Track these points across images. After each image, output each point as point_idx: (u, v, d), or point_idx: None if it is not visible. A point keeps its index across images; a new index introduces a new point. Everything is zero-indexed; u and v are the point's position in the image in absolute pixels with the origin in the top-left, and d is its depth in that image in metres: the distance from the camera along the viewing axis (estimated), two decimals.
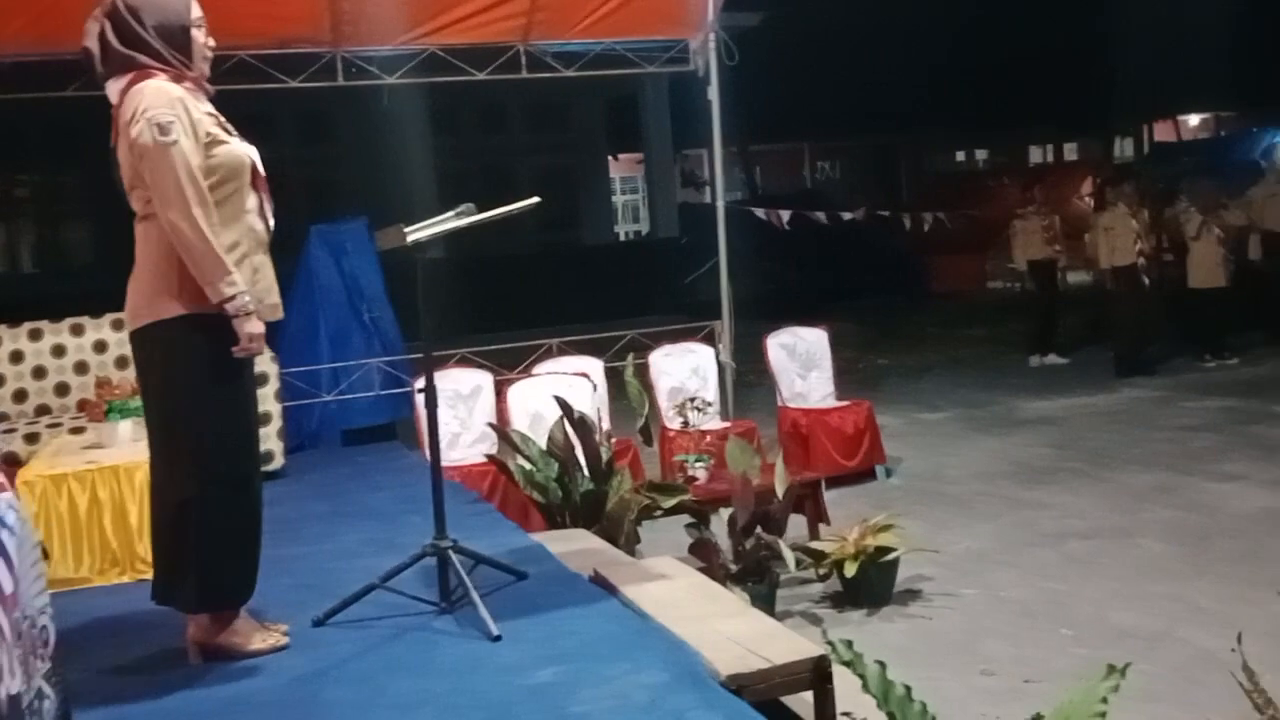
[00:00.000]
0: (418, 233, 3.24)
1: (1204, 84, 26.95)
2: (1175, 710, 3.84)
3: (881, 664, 2.66)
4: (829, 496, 6.48)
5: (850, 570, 4.85)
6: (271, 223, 3.28)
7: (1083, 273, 11.88)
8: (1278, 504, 6.18)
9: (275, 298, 3.24)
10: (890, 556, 4.97)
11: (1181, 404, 9.01)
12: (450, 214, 3.26)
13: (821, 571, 5.06)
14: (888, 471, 7.40)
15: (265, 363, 5.96)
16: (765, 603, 4.76)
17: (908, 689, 2.61)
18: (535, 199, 3.50)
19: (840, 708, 3.08)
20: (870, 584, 4.92)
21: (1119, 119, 23.54)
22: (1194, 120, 30.61)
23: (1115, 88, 24.01)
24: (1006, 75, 24.99)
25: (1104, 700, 2.50)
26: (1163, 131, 28.38)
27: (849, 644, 2.75)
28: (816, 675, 2.80)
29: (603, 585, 3.43)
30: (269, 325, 3.16)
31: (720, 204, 7.49)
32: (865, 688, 2.62)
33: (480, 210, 3.36)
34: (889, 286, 17.85)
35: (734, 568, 4.81)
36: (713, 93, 7.28)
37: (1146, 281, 10.44)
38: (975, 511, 6.54)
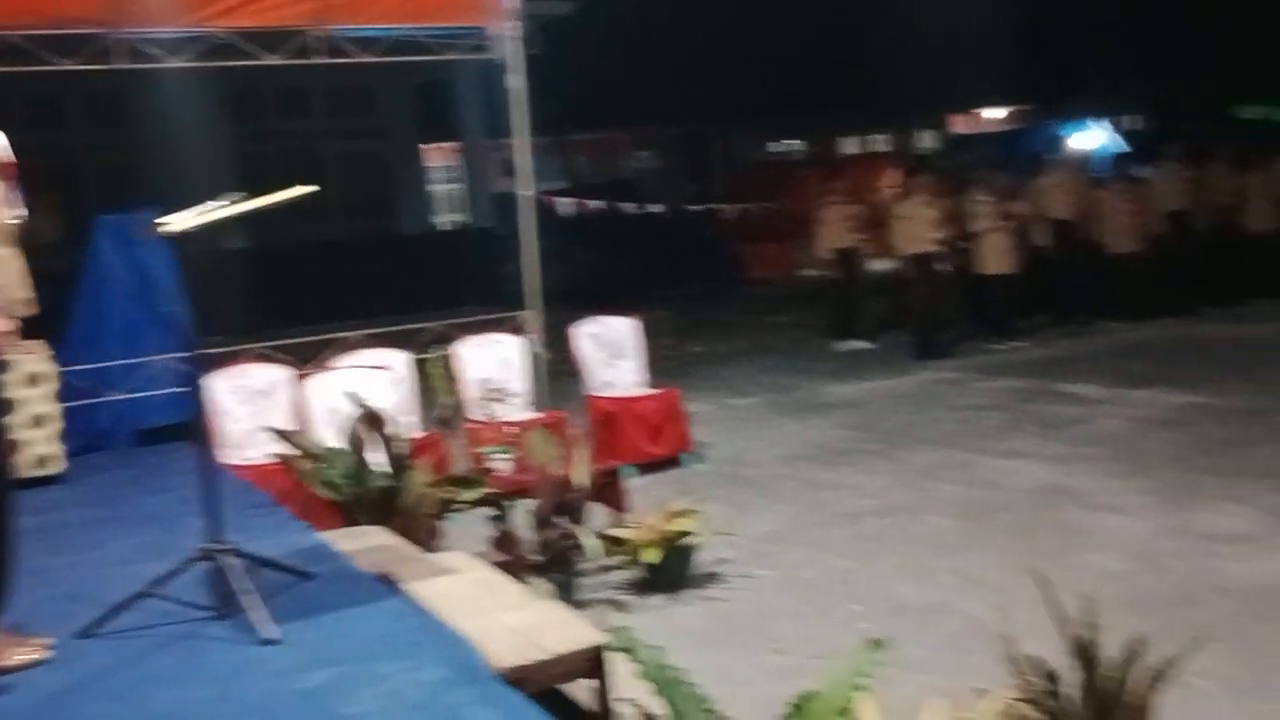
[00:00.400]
0: (184, 223, 3.11)
1: (1000, 80, 28.40)
2: (947, 680, 4.01)
3: (658, 649, 2.70)
4: (637, 484, 6.56)
5: (650, 556, 4.91)
6: (21, 213, 3.09)
7: (885, 260, 12.34)
8: (1056, 479, 6.55)
9: (24, 292, 3.05)
10: (689, 541, 5.05)
11: (973, 385, 9.46)
12: (216, 203, 3.14)
13: (624, 558, 5.11)
14: (695, 458, 7.52)
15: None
16: (567, 592, 4.79)
17: (682, 674, 2.67)
18: (312, 187, 3.39)
19: (631, 695, 3.11)
20: (670, 569, 5.00)
21: (922, 112, 24.57)
22: (991, 114, 32.20)
23: (918, 82, 25.01)
24: (816, 67, 25.74)
25: (863, 674, 2.61)
26: (962, 124, 29.76)
27: (628, 631, 2.79)
28: (595, 664, 2.82)
29: (388, 583, 3.37)
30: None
31: (524, 194, 7.46)
32: (641, 674, 2.66)
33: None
34: (705, 274, 18.15)
35: (537, 559, 4.81)
36: (514, 81, 7.24)
37: (943, 268, 10.92)
38: (775, 494, 6.72)
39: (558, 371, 7.99)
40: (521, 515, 5.01)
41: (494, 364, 7.08)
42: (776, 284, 17.86)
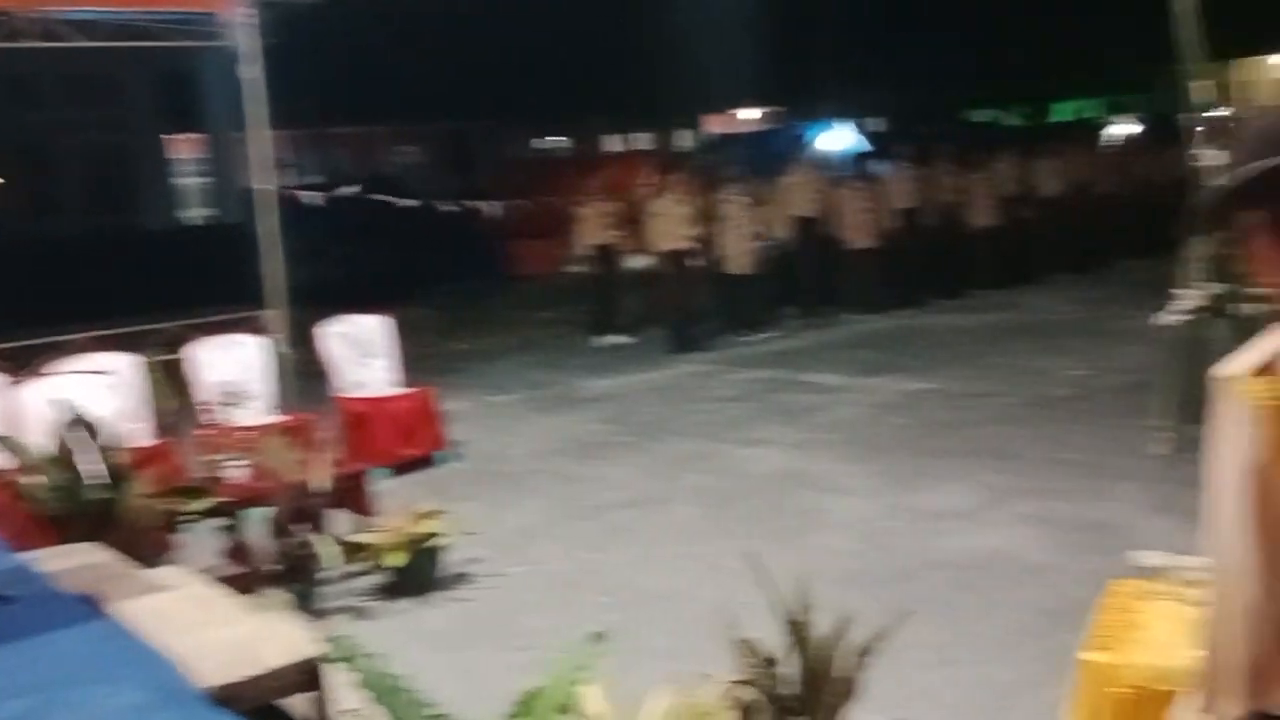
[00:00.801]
0: None
1: (755, 83, 29.43)
2: (688, 665, 4.12)
3: (378, 657, 2.65)
4: (390, 485, 6.44)
5: (395, 560, 4.82)
6: None
7: (642, 256, 12.58)
8: (795, 464, 6.84)
9: None
10: (436, 542, 5.00)
11: (724, 376, 9.77)
12: None
13: (368, 564, 5.00)
14: (450, 457, 7.45)
15: None
16: (307, 602, 4.64)
17: (402, 681, 2.63)
18: None
19: (352, 705, 3.04)
20: (416, 571, 4.92)
21: (682, 112, 25.19)
22: (746, 115, 33.32)
23: (679, 83, 25.64)
24: (583, 66, 25.96)
25: (584, 667, 2.65)
26: (719, 125, 30.66)
27: (346, 640, 2.72)
28: (312, 676, 2.74)
29: (92, 603, 3.17)
30: None
31: (263, 188, 7.18)
32: (360, 683, 2.60)
33: None
34: (471, 271, 18.00)
35: (275, 568, 4.64)
36: (249, 70, 6.95)
37: (696, 264, 11.22)
38: (529, 489, 6.74)
39: (308, 372, 7.73)
40: (259, 524, 4.84)
41: (233, 366, 6.78)
42: (541, 280, 17.90)
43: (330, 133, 25.48)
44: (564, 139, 32.86)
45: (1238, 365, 1.47)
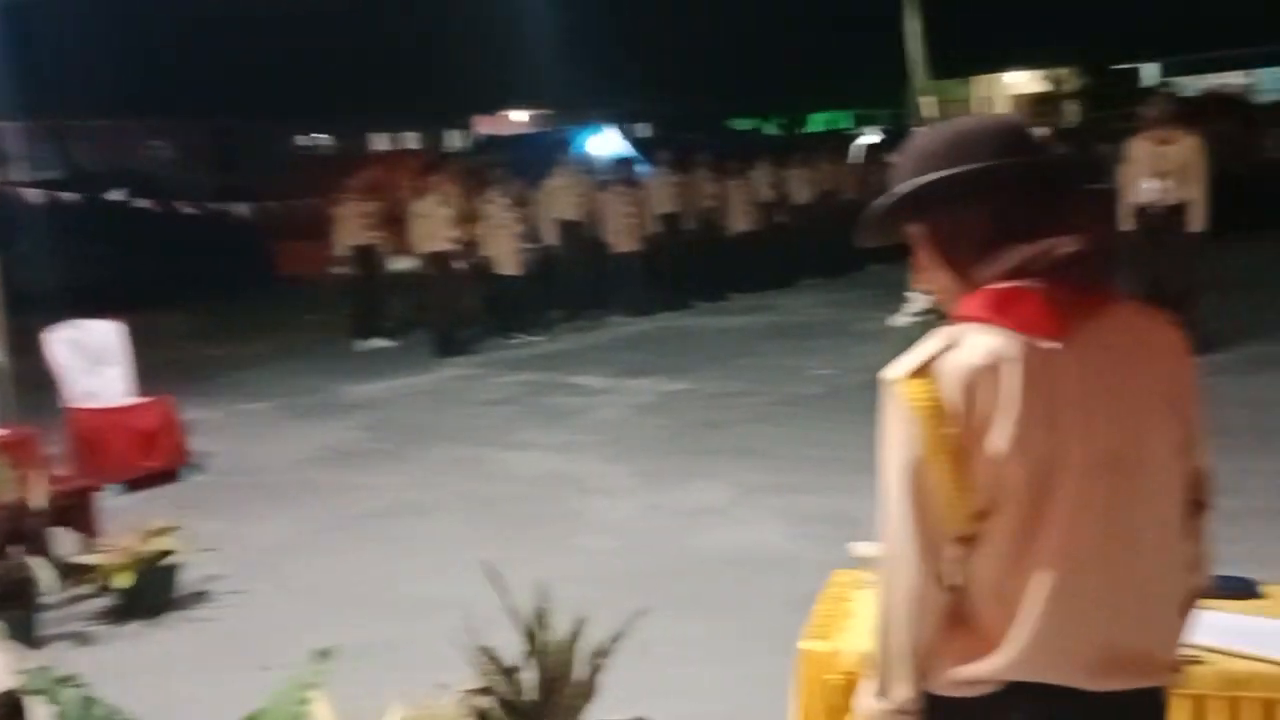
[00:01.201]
0: None
1: (525, 84, 29.43)
2: (435, 675, 4.06)
3: (84, 686, 2.48)
4: (124, 502, 6.08)
5: (122, 581, 4.54)
6: None
7: (407, 258, 12.36)
8: (559, 467, 6.86)
9: None
10: (170, 561, 4.74)
11: (491, 380, 9.71)
12: None
13: (94, 586, 4.69)
14: (194, 469, 7.08)
15: None
16: (25, 630, 4.31)
17: (115, 711, 2.47)
18: None
19: None
20: (147, 592, 4.65)
21: (451, 111, 24.92)
22: (517, 116, 33.28)
23: (448, 82, 25.37)
24: (354, 64, 25.29)
25: (309, 686, 2.56)
26: (490, 125, 30.51)
27: (47, 671, 2.53)
28: (13, 711, 2.53)
29: None
30: None
31: None
32: (63, 717, 2.43)
33: None
34: (233, 273, 17.19)
35: None
36: None
37: (460, 266, 11.10)
38: (282, 501, 6.49)
39: (36, 383, 7.19)
40: None
41: None
42: (306, 282, 17.30)
43: (76, 125, 23.80)
44: (331, 137, 31.93)
45: (900, 367, 1.55)
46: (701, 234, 12.97)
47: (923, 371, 1.52)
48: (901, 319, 6.09)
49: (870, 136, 23.36)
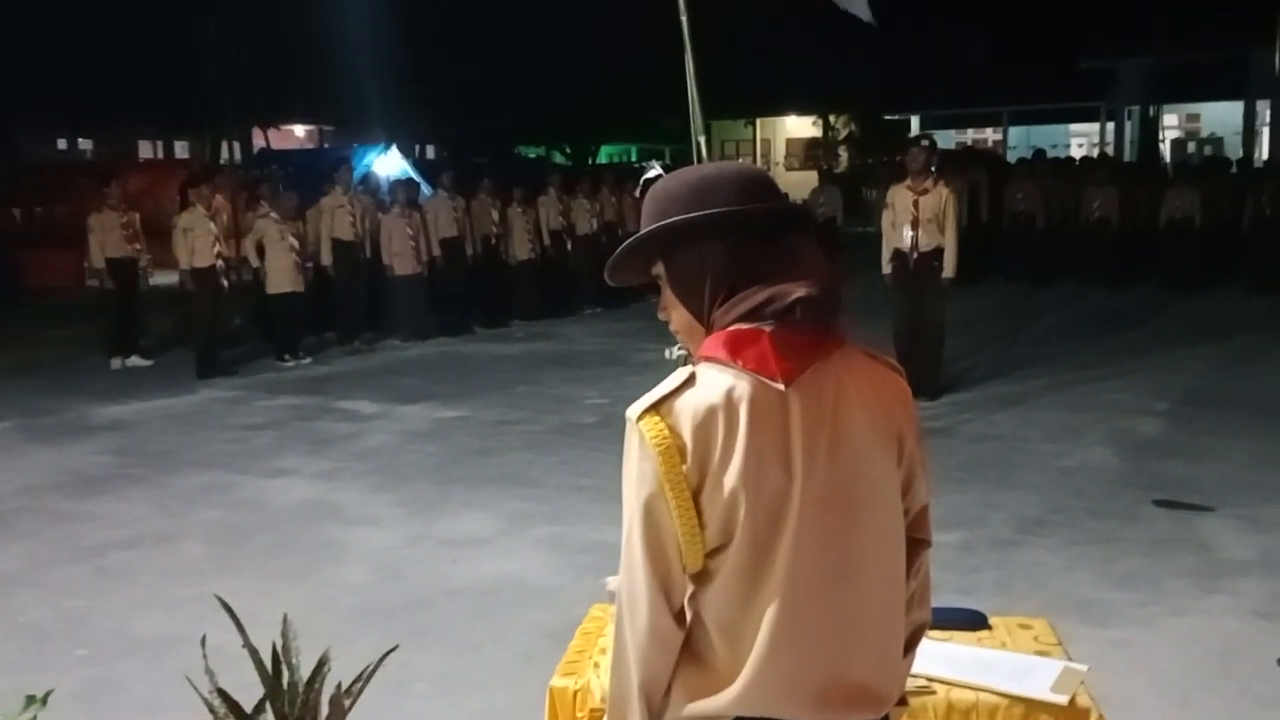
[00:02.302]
0: None
1: (308, 98, 28.56)
2: (175, 717, 3.83)
3: None
4: None
5: None
6: None
7: (171, 273, 11.71)
8: (320, 495, 6.60)
9: None
10: None
11: (254, 403, 9.28)
12: None
13: None
14: None
15: None
16: None
17: None
18: None
19: None
20: None
21: (228, 121, 23.89)
22: (299, 130, 32.31)
23: (226, 89, 24.34)
24: (114, 68, 23.92)
25: None
26: (270, 138, 29.46)
27: None
28: None
29: None
30: None
31: None
32: None
33: None
34: None
35: None
36: None
37: (225, 284, 10.60)
38: (12, 531, 6.00)
39: None
40: None
41: None
42: (57, 296, 16.16)
43: None
44: (94, 142, 30.11)
45: (639, 404, 1.56)
46: (483, 260, 12.86)
47: (659, 408, 1.55)
48: (678, 351, 6.18)
49: (654, 170, 23.84)
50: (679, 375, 1.59)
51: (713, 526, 1.53)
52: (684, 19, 6.43)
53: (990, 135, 33.89)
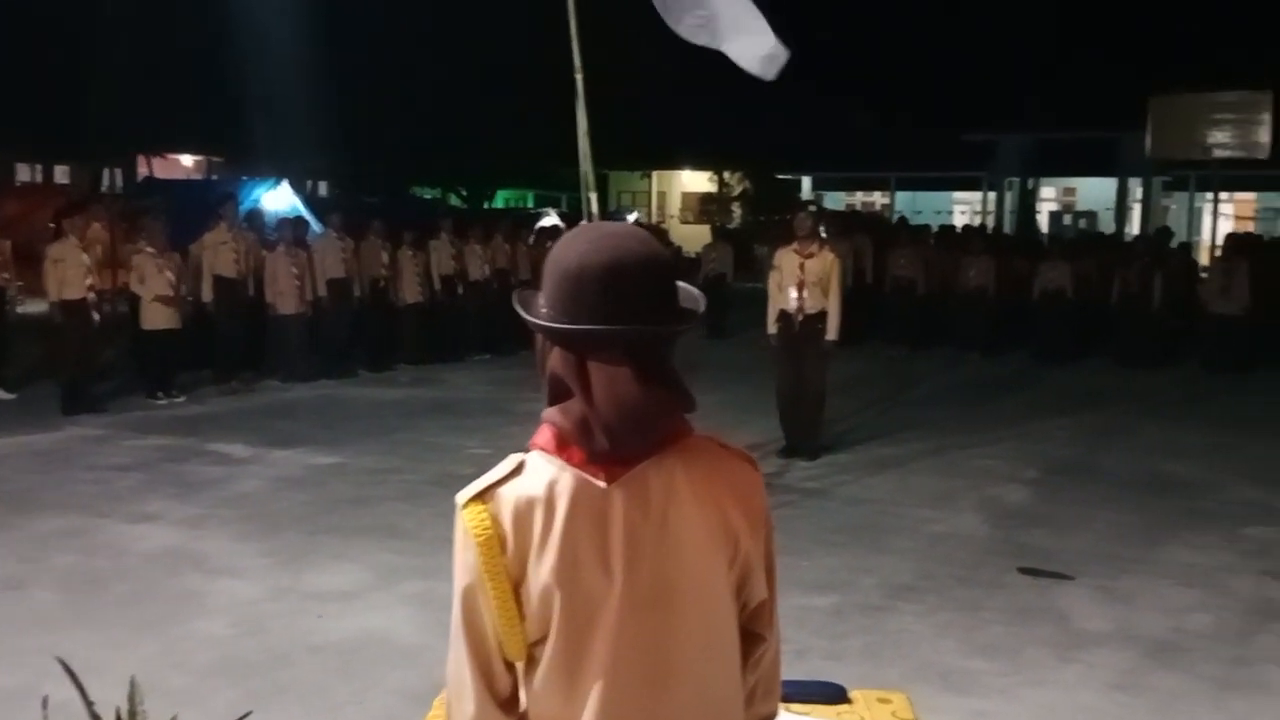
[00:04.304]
0: None
1: (197, 128, 27.95)
2: None
3: None
4: None
5: None
6: None
7: (42, 303, 11.27)
8: (183, 543, 6.37)
9: None
10: None
11: (121, 442, 8.94)
12: None
13: None
14: None
15: None
16: None
17: None
18: None
19: None
20: None
21: (111, 148, 23.22)
22: (185, 160, 31.56)
23: (114, 115, 23.70)
24: None
25: None
26: (155, 168, 28.74)
27: None
28: None
29: None
30: None
31: None
32: None
33: None
34: None
35: None
36: None
37: (97, 316, 10.24)
38: None
39: None
40: None
41: None
42: None
43: None
44: None
45: (467, 490, 1.54)
46: (371, 302, 12.68)
47: (484, 497, 1.54)
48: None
49: (550, 219, 23.86)
50: (509, 463, 1.58)
51: (531, 619, 1.52)
52: (579, 77, 6.51)
53: (879, 199, 34.86)
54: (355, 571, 5.88)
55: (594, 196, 6.75)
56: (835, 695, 2.84)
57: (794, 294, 8.55)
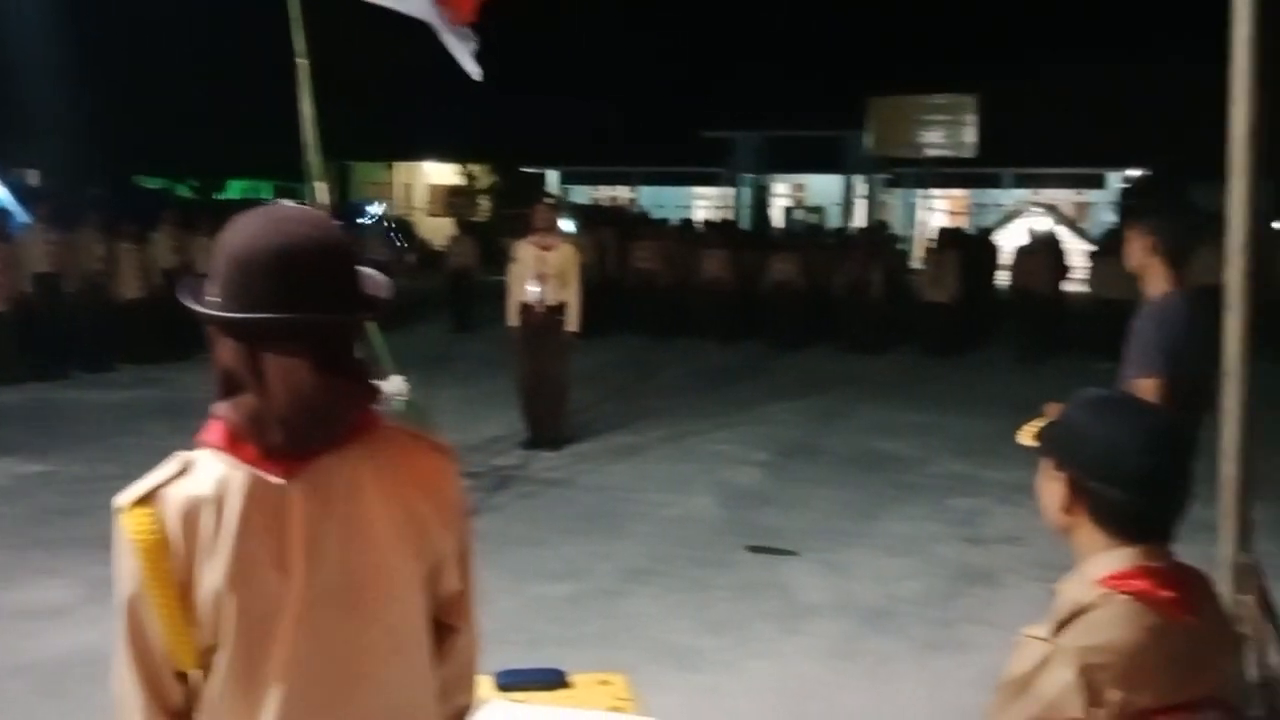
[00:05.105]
0: None
1: None
2: None
3: None
4: None
5: None
6: None
7: None
8: None
9: None
10: None
11: None
12: None
13: None
14: None
15: None
16: None
17: None
18: None
19: None
20: None
21: None
22: None
23: None
24: None
25: None
26: None
27: None
28: None
29: None
30: None
31: None
32: None
33: None
34: None
35: None
36: None
37: None
38: None
39: None
40: None
41: None
42: None
43: None
44: None
45: (128, 492, 1.47)
46: (85, 298, 11.84)
47: (148, 500, 1.46)
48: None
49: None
50: (174, 463, 1.51)
51: (204, 626, 1.46)
52: (302, 62, 6.31)
53: (624, 193, 35.49)
54: (65, 586, 5.50)
55: (323, 187, 6.57)
56: (555, 681, 2.89)
57: (534, 286, 8.60)
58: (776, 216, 31.64)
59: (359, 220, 25.29)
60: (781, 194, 34.54)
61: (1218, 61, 2.82)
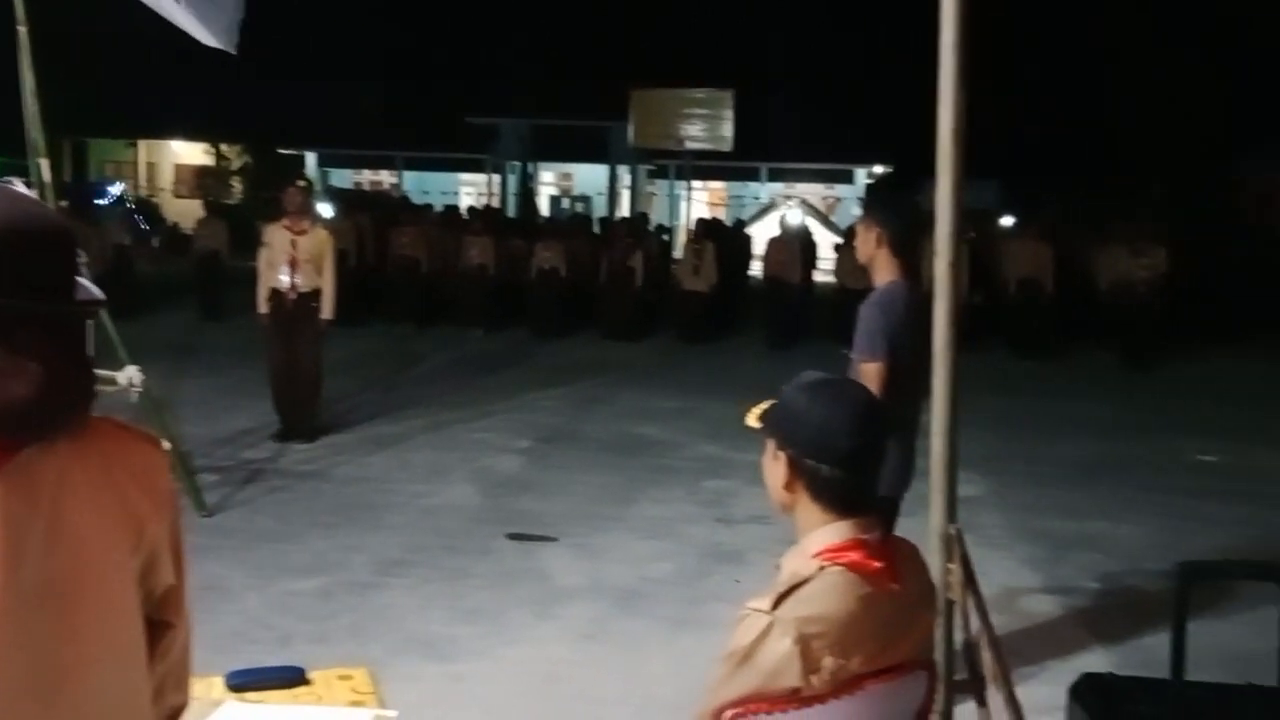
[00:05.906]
0: None
1: None
2: None
3: None
4: None
5: None
6: None
7: None
8: None
9: None
10: None
11: None
12: None
13: None
14: None
15: None
16: None
17: None
18: None
19: None
20: None
21: None
22: None
23: None
24: None
25: None
26: None
27: None
28: None
29: None
30: None
31: None
32: None
33: None
34: None
35: None
36: None
37: None
38: None
39: None
40: None
41: None
42: None
43: None
44: None
45: None
46: None
47: None
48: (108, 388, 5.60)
49: (18, 187, 21.30)
50: None
51: None
52: (21, 29, 5.86)
53: (386, 178, 34.73)
54: None
55: (45, 163, 6.14)
56: (293, 678, 2.80)
57: (285, 272, 8.31)
58: (544, 205, 31.74)
59: (97, 201, 23.67)
60: (548, 183, 34.68)
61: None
